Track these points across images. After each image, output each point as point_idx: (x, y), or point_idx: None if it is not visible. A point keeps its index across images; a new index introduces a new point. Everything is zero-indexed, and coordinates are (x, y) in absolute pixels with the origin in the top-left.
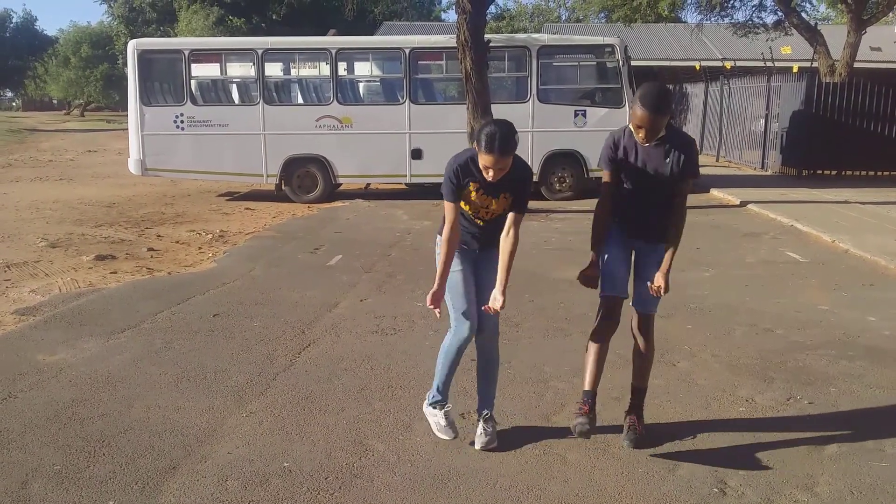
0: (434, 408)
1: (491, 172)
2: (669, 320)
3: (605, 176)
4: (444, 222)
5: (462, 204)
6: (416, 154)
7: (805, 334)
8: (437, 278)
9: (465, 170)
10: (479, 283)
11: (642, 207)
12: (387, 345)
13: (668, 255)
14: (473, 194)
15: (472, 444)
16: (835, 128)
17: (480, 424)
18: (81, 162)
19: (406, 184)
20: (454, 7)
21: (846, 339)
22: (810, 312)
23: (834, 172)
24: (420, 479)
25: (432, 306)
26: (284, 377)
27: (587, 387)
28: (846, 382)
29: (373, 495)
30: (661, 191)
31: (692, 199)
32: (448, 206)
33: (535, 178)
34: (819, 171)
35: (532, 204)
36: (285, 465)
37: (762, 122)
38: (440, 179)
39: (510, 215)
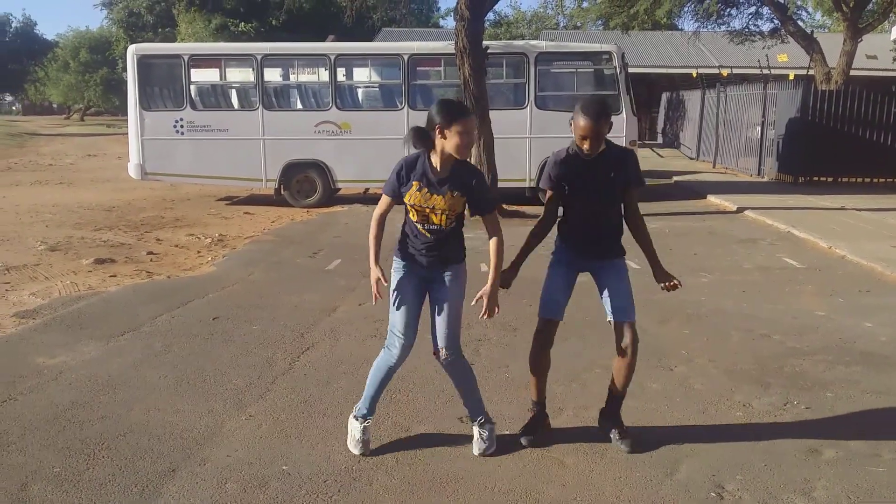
0: (356, 419)
1: (465, 139)
2: (666, 325)
3: (547, 194)
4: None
5: (409, 214)
6: None
7: (802, 340)
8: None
9: (410, 168)
10: (435, 301)
11: (593, 225)
12: None
13: (651, 255)
14: (417, 194)
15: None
16: (831, 135)
17: (476, 430)
18: (81, 166)
19: None
20: (453, 14)
21: (842, 344)
22: (807, 318)
23: (830, 179)
24: (418, 482)
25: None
26: (283, 380)
27: (534, 397)
28: (843, 387)
29: (371, 498)
30: (609, 205)
31: (690, 206)
32: (382, 199)
33: (531, 184)
34: (815, 178)
35: (530, 209)
36: (284, 468)
37: (758, 129)
38: None
39: (483, 219)
